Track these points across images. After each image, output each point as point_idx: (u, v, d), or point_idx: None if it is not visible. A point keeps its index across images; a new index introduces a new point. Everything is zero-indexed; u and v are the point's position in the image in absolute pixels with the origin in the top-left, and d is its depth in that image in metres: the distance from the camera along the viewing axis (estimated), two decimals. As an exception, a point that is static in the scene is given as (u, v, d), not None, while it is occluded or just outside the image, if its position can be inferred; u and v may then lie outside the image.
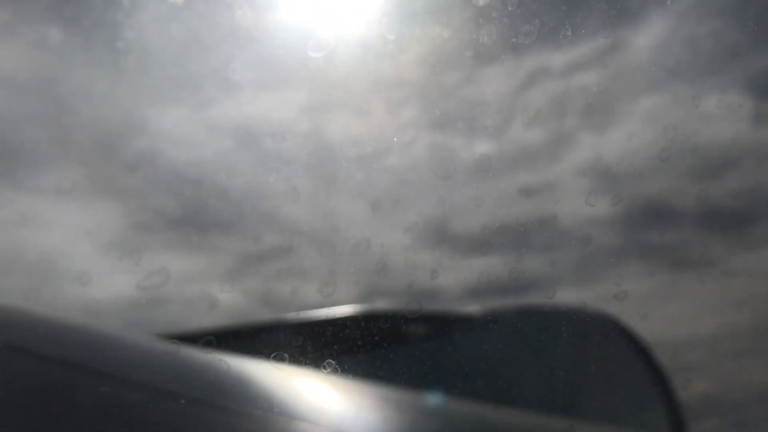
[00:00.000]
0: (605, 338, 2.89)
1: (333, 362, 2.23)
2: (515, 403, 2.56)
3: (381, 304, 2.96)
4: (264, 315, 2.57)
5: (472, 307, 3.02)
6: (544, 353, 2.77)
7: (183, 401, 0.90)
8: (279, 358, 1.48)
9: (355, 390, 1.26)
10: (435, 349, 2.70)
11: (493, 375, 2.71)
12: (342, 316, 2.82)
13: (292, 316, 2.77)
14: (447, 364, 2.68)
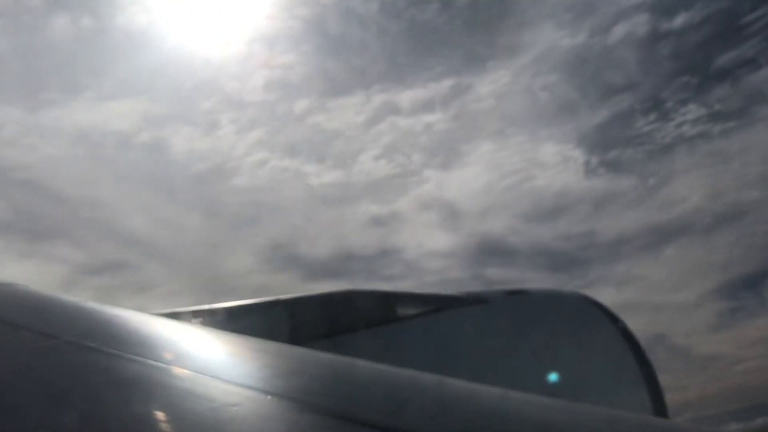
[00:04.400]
0: (585, 316, 2.96)
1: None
2: (501, 380, 2.62)
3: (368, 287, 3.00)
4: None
5: (459, 291, 3.07)
6: (529, 333, 2.83)
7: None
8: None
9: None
10: (422, 328, 2.74)
11: (478, 353, 2.77)
12: (331, 296, 2.85)
13: (280, 297, 2.81)
14: (434, 343, 2.73)
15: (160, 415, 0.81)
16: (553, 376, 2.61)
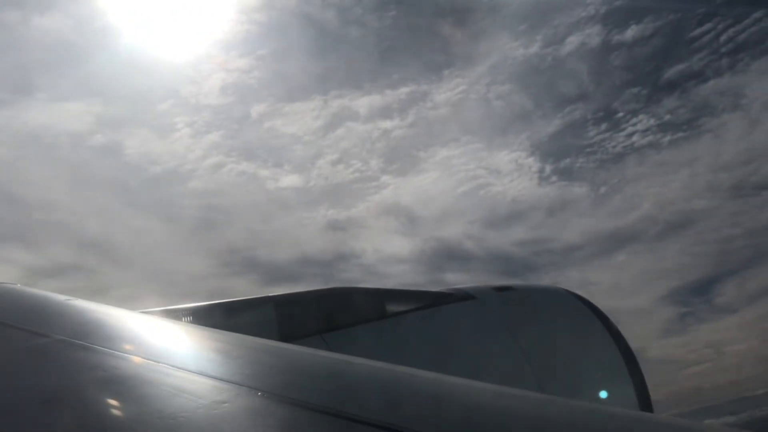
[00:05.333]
0: (571, 311, 2.99)
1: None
2: (491, 375, 2.64)
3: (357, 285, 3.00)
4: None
5: (448, 287, 3.09)
6: (518, 328, 2.85)
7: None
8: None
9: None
10: (412, 325, 2.76)
11: (468, 349, 2.78)
12: (321, 293, 2.86)
13: (271, 294, 2.81)
14: (424, 339, 2.75)
15: (150, 412, 0.82)
16: (539, 370, 2.63)
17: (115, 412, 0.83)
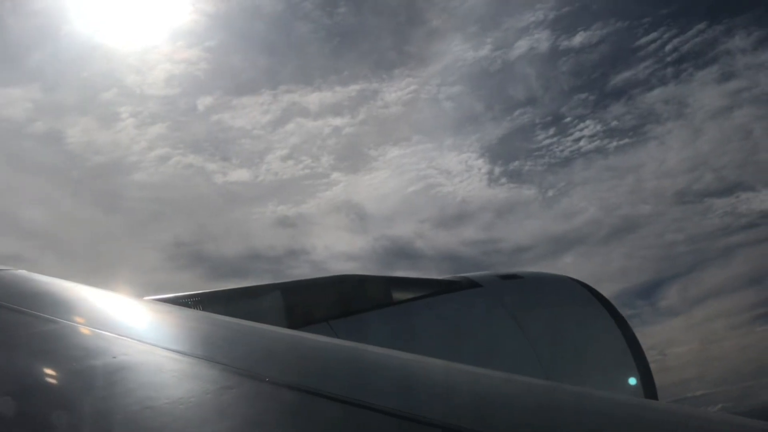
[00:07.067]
0: (577, 299, 2.99)
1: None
2: (500, 362, 2.65)
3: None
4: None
5: (454, 275, 3.09)
6: (526, 315, 2.85)
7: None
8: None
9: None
10: (420, 312, 2.76)
11: (475, 336, 2.79)
12: (329, 280, 2.86)
13: (278, 282, 2.82)
14: (432, 326, 2.75)
15: (158, 397, 0.83)
16: (546, 357, 2.65)
17: (123, 397, 0.84)
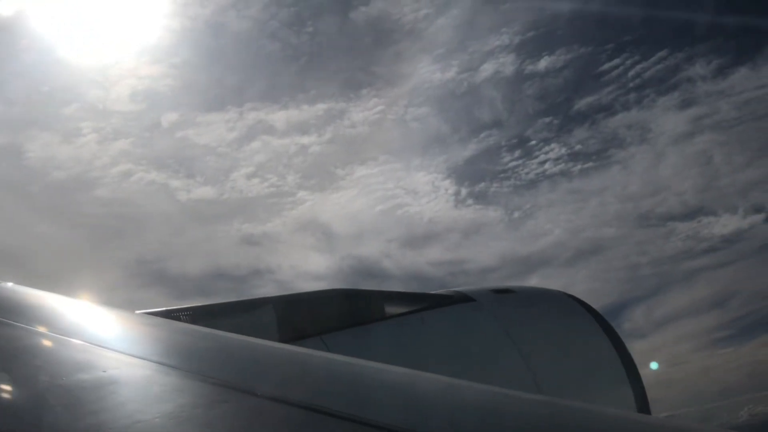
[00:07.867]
0: (570, 314, 3.00)
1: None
2: (492, 377, 2.64)
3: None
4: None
5: (448, 289, 3.09)
6: (519, 330, 2.86)
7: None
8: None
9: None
10: (412, 326, 2.75)
11: (468, 351, 2.78)
12: (321, 294, 2.86)
13: (269, 296, 2.81)
14: (424, 341, 2.74)
15: (149, 411, 0.82)
16: (539, 371, 2.65)
17: (114, 411, 0.83)
